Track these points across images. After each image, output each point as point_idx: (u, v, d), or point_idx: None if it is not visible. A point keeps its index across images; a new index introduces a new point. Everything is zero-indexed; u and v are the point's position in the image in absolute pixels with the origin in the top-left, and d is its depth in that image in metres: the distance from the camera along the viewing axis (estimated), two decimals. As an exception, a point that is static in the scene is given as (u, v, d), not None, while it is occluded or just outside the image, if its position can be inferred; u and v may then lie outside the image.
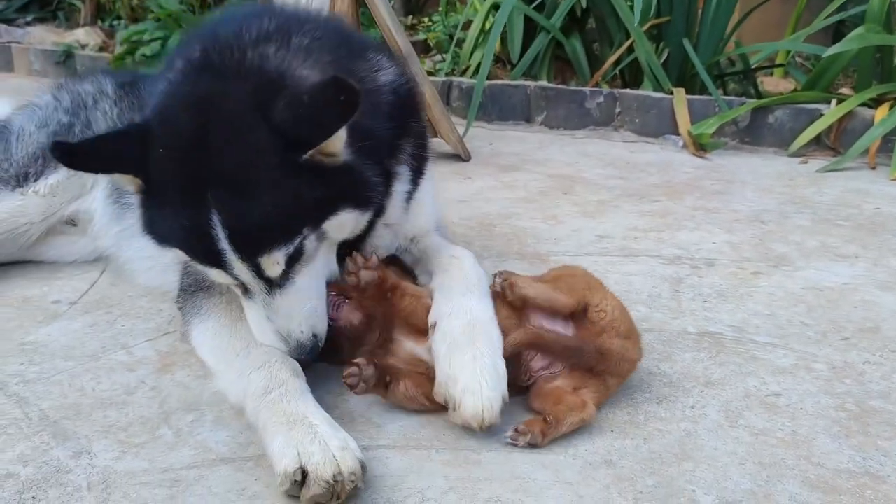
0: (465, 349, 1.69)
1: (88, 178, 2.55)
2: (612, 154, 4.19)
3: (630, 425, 1.71)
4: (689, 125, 4.26)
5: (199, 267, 1.77)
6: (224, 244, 1.61)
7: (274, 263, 1.65)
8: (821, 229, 2.97)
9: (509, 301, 1.79)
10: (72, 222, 2.63)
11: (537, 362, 1.75)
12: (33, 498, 1.50)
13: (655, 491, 1.51)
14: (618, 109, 4.63)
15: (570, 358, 1.74)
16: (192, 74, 1.75)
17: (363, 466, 1.50)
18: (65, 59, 6.94)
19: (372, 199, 1.77)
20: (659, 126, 4.47)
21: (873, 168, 3.84)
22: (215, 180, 1.60)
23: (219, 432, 1.71)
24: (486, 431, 1.64)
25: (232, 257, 1.63)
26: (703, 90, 4.54)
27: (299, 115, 1.57)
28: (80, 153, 1.72)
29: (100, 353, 2.05)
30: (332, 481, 1.43)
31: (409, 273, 2.07)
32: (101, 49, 7.09)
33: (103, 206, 2.55)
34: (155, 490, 1.52)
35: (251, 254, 1.63)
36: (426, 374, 1.76)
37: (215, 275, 1.73)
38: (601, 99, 4.65)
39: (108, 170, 1.79)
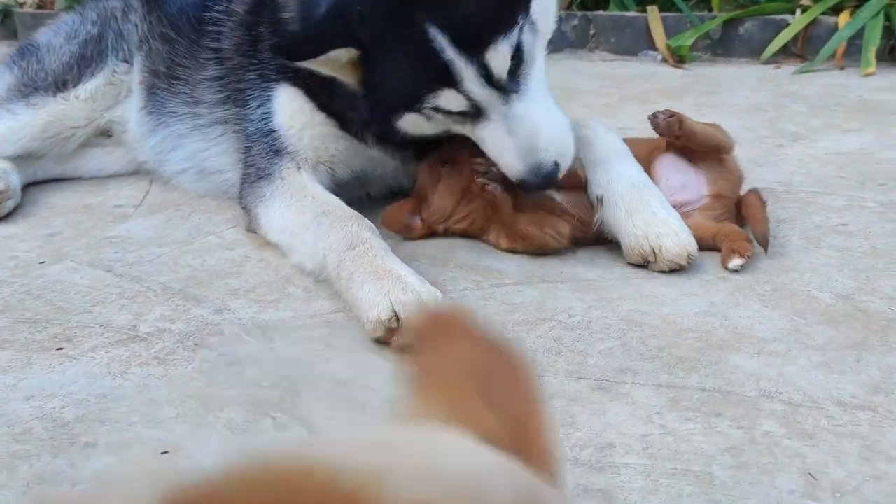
0: (642, 208, 1.76)
1: (123, 86, 2.54)
2: (598, 70, 4.33)
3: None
4: (665, 40, 4.44)
5: (430, 102, 1.71)
6: (449, 52, 1.64)
7: (501, 58, 1.65)
8: (819, 113, 3.17)
9: (675, 136, 1.82)
10: (107, 133, 2.61)
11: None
12: (195, 345, 1.54)
13: (775, 293, 1.66)
14: (592, 31, 4.77)
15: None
16: None
17: None
18: (2, 18, 6.65)
19: None
20: (634, 44, 4.63)
21: (842, 68, 4.08)
22: None
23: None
24: (691, 264, 1.74)
25: (459, 64, 1.64)
26: (666, 8, 4.73)
27: None
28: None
29: (190, 239, 2.07)
30: None
31: None
32: (40, 7, 6.82)
33: (137, 116, 2.53)
34: (311, 330, 1.58)
35: (477, 51, 1.64)
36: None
37: (447, 99, 1.69)
38: (576, 21, 4.78)
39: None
